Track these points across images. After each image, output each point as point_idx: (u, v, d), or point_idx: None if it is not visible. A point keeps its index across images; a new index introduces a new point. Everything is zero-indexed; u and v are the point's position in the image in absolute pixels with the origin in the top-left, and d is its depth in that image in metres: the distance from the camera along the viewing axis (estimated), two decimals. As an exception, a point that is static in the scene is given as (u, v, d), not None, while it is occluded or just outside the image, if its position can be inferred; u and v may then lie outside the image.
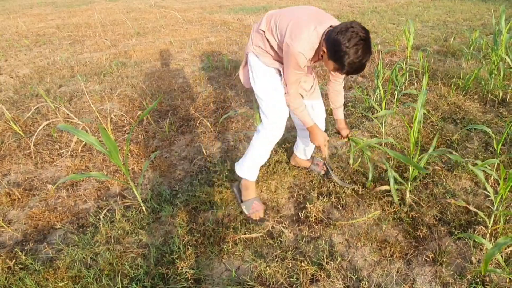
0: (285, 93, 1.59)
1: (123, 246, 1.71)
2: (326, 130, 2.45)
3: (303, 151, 2.11)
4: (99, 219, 1.86)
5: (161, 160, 2.42)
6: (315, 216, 1.83)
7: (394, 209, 1.82)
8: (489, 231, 1.60)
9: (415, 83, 3.34)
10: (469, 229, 1.67)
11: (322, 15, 1.43)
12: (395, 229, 1.72)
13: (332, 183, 2.06)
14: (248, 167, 1.78)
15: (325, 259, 1.55)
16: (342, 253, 1.61)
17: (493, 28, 4.58)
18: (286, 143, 2.49)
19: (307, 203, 1.92)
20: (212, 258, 1.62)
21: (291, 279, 1.48)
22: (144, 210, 1.92)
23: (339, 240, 1.69)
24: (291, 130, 2.72)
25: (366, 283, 1.44)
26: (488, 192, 1.60)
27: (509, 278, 1.38)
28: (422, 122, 2.54)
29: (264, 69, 1.59)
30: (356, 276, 1.49)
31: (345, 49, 1.24)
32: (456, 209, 1.79)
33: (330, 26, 1.37)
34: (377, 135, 2.57)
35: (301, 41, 1.34)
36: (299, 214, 1.87)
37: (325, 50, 1.34)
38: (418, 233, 1.67)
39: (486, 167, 1.63)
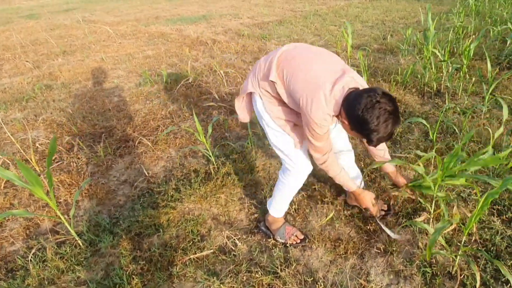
0: (316, 158, 1.50)
1: (58, 287, 1.62)
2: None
3: (357, 182, 1.83)
4: (29, 260, 1.75)
5: (97, 187, 2.34)
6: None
7: (346, 207, 1.95)
8: (432, 216, 1.79)
9: (358, 82, 3.63)
10: (415, 217, 1.84)
11: (336, 69, 1.34)
12: (347, 226, 1.85)
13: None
14: (278, 206, 1.75)
15: (280, 267, 1.61)
16: (298, 258, 1.69)
17: (425, 25, 5.16)
18: (233, 154, 2.55)
19: (259, 212, 1.99)
20: (161, 285, 1.60)
21: (246, 292, 1.51)
22: (80, 244, 1.84)
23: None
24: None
25: (322, 284, 1.52)
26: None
27: (452, 258, 1.55)
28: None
29: (273, 122, 1.52)
30: (312, 278, 1.56)
31: (374, 127, 1.19)
32: (402, 199, 1.97)
33: (346, 87, 1.29)
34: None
35: (318, 110, 1.28)
36: (253, 224, 1.92)
37: (347, 122, 1.28)
38: (368, 227, 1.81)
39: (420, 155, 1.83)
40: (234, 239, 1.82)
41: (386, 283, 1.51)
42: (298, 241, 1.74)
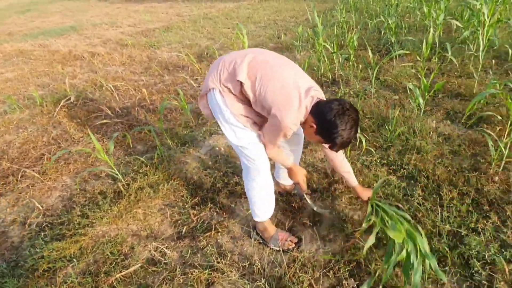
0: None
1: None
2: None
3: (286, 176, 2.14)
4: None
5: (-23, 234, 2.19)
6: (194, 226, 2.10)
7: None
8: (344, 185, 2.27)
9: (260, 80, 4.13)
10: (330, 189, 2.29)
11: (304, 80, 1.61)
12: (274, 210, 2.18)
13: (205, 191, 2.39)
14: (259, 210, 1.90)
15: (215, 261, 1.84)
16: (232, 249, 1.94)
17: (314, 22, 6.09)
18: (143, 167, 2.68)
19: (183, 218, 2.18)
20: (88, 313, 1.65)
21: (186, 292, 1.70)
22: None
23: (226, 240, 2.01)
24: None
25: (259, 264, 1.80)
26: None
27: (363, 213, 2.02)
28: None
29: (234, 118, 1.68)
30: (249, 262, 1.83)
31: (341, 132, 1.49)
32: (318, 177, 2.41)
33: (314, 97, 1.57)
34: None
35: (291, 115, 1.52)
36: (178, 231, 2.10)
37: (315, 126, 1.55)
38: (293, 205, 2.18)
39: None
40: (162, 249, 1.97)
41: (315, 248, 1.88)
42: (293, 245, 1.92)
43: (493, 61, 3.68)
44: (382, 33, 5.16)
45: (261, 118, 1.74)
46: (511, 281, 1.56)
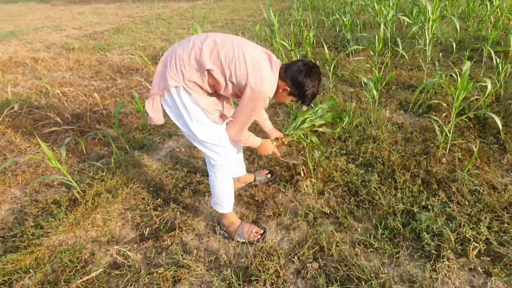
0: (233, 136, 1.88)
1: None
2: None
3: (240, 169, 2.35)
4: None
5: None
6: (157, 227, 2.17)
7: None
8: (306, 176, 2.43)
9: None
10: (293, 180, 2.44)
11: (261, 50, 1.79)
12: (237, 206, 2.30)
13: (167, 192, 2.47)
14: (225, 202, 2.03)
15: (181, 257, 1.92)
16: (197, 246, 2.03)
17: (271, 21, 6.31)
18: (100, 173, 2.71)
19: (145, 220, 2.24)
20: (49, 320, 1.68)
21: (153, 290, 1.77)
22: None
23: (191, 237, 2.10)
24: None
25: (225, 256, 1.90)
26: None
27: (326, 202, 2.18)
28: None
29: (203, 115, 1.76)
30: (215, 256, 1.93)
31: (312, 88, 1.77)
32: (280, 170, 2.56)
33: (277, 63, 1.79)
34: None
35: (267, 86, 1.70)
36: (140, 233, 2.16)
37: (288, 89, 1.79)
38: (257, 199, 2.31)
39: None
40: (125, 252, 2.02)
41: (280, 237, 2.02)
42: (259, 236, 2.04)
43: (440, 54, 4.04)
44: (338, 30, 5.46)
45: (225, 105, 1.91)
46: (456, 248, 1.78)
